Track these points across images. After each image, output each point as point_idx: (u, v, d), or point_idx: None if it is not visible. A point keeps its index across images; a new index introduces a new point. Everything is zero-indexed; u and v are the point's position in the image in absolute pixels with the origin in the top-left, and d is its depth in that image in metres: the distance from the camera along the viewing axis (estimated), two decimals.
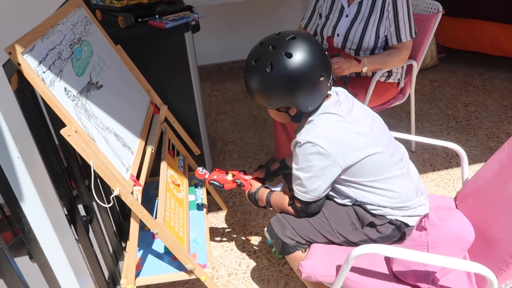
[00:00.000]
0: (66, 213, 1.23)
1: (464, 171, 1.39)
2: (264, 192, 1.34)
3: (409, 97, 2.14)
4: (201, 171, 1.46)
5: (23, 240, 0.97)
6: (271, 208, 1.35)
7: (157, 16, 1.74)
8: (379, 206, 1.18)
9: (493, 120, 2.56)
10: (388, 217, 1.19)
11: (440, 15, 1.99)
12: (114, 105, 1.35)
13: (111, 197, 1.11)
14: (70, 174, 1.33)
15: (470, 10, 2.94)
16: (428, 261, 1.01)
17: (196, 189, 1.76)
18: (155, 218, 1.30)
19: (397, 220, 1.19)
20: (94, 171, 1.08)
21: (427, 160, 2.26)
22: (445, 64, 3.25)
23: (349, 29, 1.88)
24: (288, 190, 1.35)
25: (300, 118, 1.19)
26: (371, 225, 1.19)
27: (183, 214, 1.51)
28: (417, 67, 2.01)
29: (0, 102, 0.78)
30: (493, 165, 1.22)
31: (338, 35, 1.92)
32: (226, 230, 1.91)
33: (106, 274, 1.58)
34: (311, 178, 1.13)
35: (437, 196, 1.44)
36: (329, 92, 1.19)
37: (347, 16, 1.90)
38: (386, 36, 1.85)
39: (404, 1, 1.82)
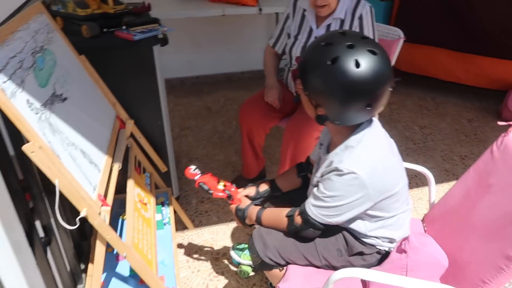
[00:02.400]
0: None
1: (431, 194, 1.43)
2: (254, 210, 1.29)
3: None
4: (193, 171, 1.37)
5: None
6: (256, 226, 1.30)
7: (124, 27, 1.68)
8: (377, 237, 1.17)
9: (447, 142, 2.71)
10: (378, 247, 1.18)
11: (401, 41, 2.08)
12: (80, 119, 1.27)
13: (77, 218, 1.03)
14: (25, 189, 1.23)
15: (426, 37, 3.12)
16: (409, 286, 1.01)
17: (162, 207, 1.69)
18: (121, 239, 1.22)
19: (385, 250, 1.19)
20: (59, 191, 1.00)
21: None
22: (401, 88, 3.41)
23: None
24: None
25: (322, 123, 1.12)
26: (360, 254, 1.18)
27: (150, 235, 1.43)
28: None
29: None
30: (460, 189, 1.27)
31: None
32: (193, 250, 1.84)
33: None
34: (341, 207, 1.08)
35: None
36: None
37: (315, 37, 1.94)
38: None
39: (370, 26, 1.90)
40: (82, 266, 1.61)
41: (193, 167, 1.38)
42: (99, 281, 1.20)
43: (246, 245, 1.70)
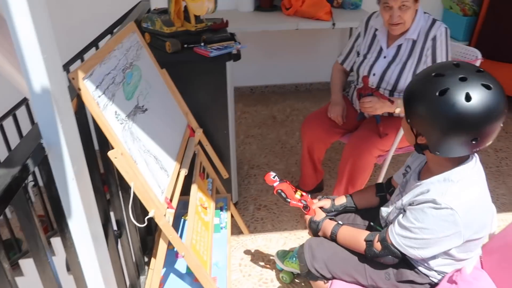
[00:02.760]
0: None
1: (492, 224, 1.38)
2: (330, 224, 1.31)
3: None
4: (273, 177, 1.39)
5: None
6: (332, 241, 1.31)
7: (202, 44, 1.82)
8: (438, 271, 1.16)
9: None
10: (431, 278, 1.18)
11: (478, 62, 2.00)
12: (156, 128, 1.43)
13: (146, 218, 1.17)
14: (104, 182, 1.40)
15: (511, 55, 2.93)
16: None
17: (221, 212, 1.81)
18: (181, 238, 1.35)
19: (436, 282, 1.19)
20: (134, 192, 1.14)
21: None
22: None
23: (385, 70, 1.92)
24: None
25: (421, 151, 1.13)
26: (410, 282, 1.18)
27: (207, 238, 1.55)
28: None
29: (64, 126, 0.86)
30: None
31: (374, 74, 1.96)
32: (246, 255, 1.94)
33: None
34: (428, 241, 1.08)
35: None
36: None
37: (385, 57, 1.94)
38: None
39: (443, 48, 1.85)
40: (146, 259, 1.79)
41: (273, 173, 1.40)
42: (159, 275, 1.34)
43: (290, 252, 1.77)
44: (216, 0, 1.67)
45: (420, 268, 1.18)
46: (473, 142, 0.99)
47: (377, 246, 1.17)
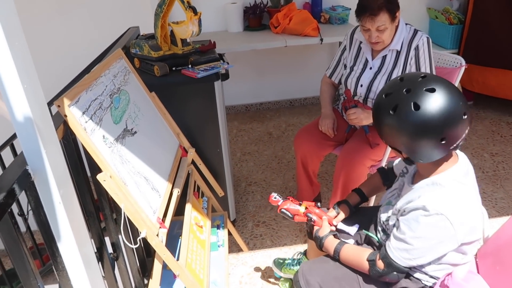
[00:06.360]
0: (95, 250, 1.31)
1: (484, 229, 1.38)
2: (333, 242, 1.29)
3: None
4: (275, 198, 1.42)
5: (50, 268, 1.04)
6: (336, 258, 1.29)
7: (189, 66, 1.87)
8: (433, 276, 1.16)
9: None
10: (424, 282, 1.17)
11: (462, 69, 2.02)
12: (146, 150, 1.45)
13: (138, 238, 1.18)
14: (99, 208, 1.42)
15: (499, 60, 2.97)
16: None
17: (218, 230, 1.82)
18: (177, 259, 1.36)
19: (430, 286, 1.18)
20: (124, 213, 1.16)
21: None
22: (472, 111, 3.24)
23: (372, 81, 1.95)
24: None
25: (412, 163, 1.15)
26: None
27: (204, 256, 1.56)
28: None
29: (48, 153, 0.88)
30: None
31: (361, 85, 1.99)
32: (246, 273, 1.93)
33: None
34: (424, 249, 1.09)
35: None
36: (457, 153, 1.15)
37: (371, 68, 1.97)
38: None
39: (426, 56, 1.89)
40: (146, 281, 1.78)
41: (274, 194, 1.43)
42: None
43: (287, 259, 1.77)
44: (200, 23, 1.72)
45: (414, 274, 1.18)
46: (443, 142, 1.01)
47: (380, 264, 1.15)
